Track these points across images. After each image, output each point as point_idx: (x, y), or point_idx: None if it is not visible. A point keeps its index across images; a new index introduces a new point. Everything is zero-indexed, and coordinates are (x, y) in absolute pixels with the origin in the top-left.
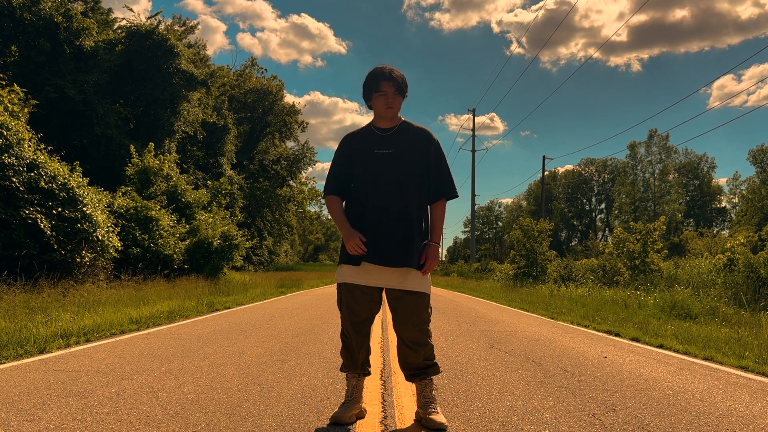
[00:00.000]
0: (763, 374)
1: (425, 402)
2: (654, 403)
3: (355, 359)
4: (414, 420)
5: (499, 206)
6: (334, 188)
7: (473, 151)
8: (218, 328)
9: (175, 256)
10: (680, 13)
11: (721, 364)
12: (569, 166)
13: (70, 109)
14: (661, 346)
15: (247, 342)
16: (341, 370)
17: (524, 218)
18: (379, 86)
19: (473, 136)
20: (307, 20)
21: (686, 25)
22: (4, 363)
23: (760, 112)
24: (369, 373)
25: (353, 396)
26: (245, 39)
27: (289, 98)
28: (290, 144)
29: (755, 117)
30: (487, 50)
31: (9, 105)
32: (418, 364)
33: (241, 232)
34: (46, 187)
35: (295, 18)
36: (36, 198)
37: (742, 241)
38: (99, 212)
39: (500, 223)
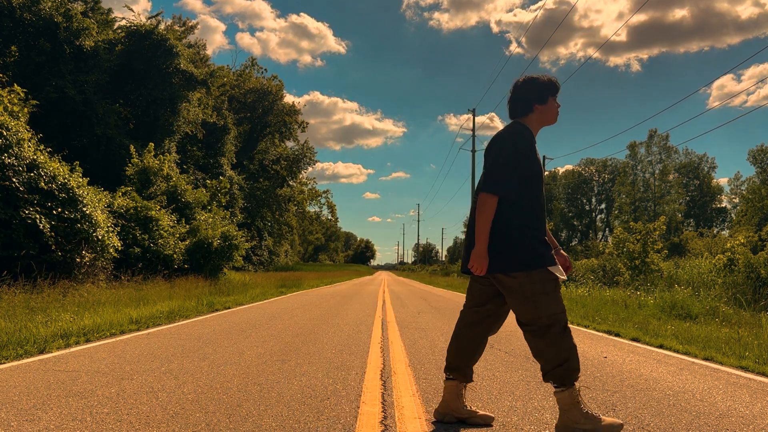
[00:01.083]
0: (763, 374)
1: (464, 401)
2: (654, 403)
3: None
4: (435, 420)
5: None
6: (513, 192)
7: (473, 151)
8: (218, 328)
9: (175, 256)
10: (680, 13)
11: (721, 364)
12: (569, 166)
13: (70, 109)
14: (661, 346)
15: (247, 342)
16: (567, 384)
17: None
18: (557, 93)
19: (473, 136)
20: (306, 20)
21: (686, 25)
22: (4, 363)
23: (760, 112)
24: None
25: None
26: (244, 39)
27: (288, 98)
28: (290, 144)
29: (755, 117)
30: (487, 50)
31: (9, 105)
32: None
33: (241, 232)
34: (45, 187)
35: (294, 18)
36: (36, 198)
37: (742, 241)
38: (99, 212)
39: None
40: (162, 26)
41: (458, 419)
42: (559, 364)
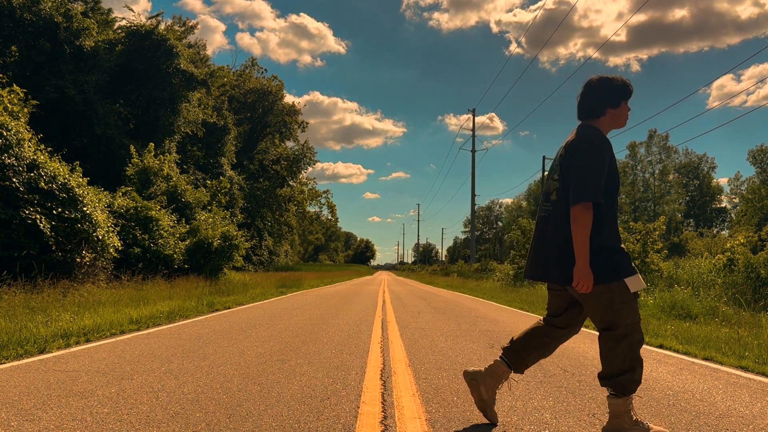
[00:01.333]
0: (763, 374)
1: (497, 389)
2: (654, 403)
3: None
4: (463, 376)
5: (499, 206)
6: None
7: (473, 151)
8: (218, 328)
9: (175, 256)
10: (679, 13)
11: (721, 364)
12: None
13: (70, 109)
14: (661, 346)
15: (247, 342)
16: (626, 394)
17: (524, 218)
18: (630, 97)
19: (473, 136)
20: (306, 20)
21: (685, 25)
22: (4, 363)
23: (760, 112)
24: None
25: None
26: (244, 39)
27: (288, 98)
28: (290, 144)
29: (755, 117)
30: (486, 50)
31: (9, 105)
32: None
33: (241, 232)
34: (45, 187)
35: (294, 18)
36: (36, 198)
37: (742, 241)
38: (99, 212)
39: (500, 223)
40: (162, 26)
41: (478, 395)
42: (623, 373)
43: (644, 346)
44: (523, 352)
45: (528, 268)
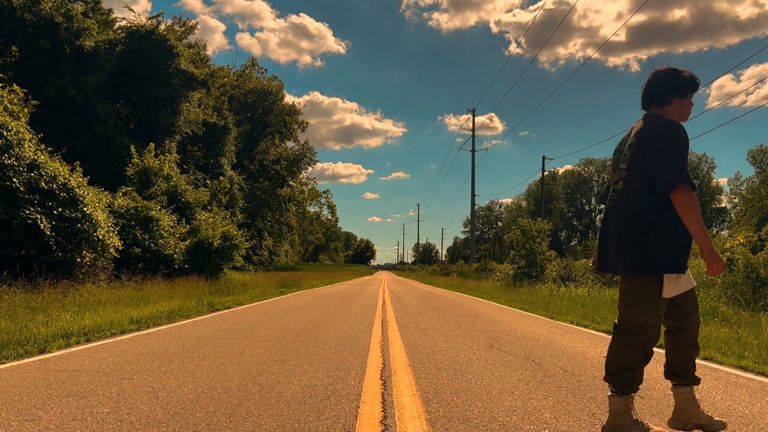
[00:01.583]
0: (763, 374)
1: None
2: (654, 403)
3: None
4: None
5: (499, 206)
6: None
7: (473, 151)
8: (218, 328)
9: (175, 256)
10: (679, 13)
11: (721, 364)
12: (569, 166)
13: (70, 109)
14: (660, 346)
15: (248, 342)
16: (626, 392)
17: (523, 218)
18: (695, 91)
19: (473, 136)
20: (306, 20)
21: (685, 25)
22: (5, 363)
23: (759, 112)
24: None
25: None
26: (244, 39)
27: (288, 98)
28: (290, 144)
29: (755, 117)
30: (486, 50)
31: (9, 105)
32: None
33: (241, 232)
34: (46, 187)
35: (294, 18)
36: (36, 198)
37: (741, 241)
38: (99, 212)
39: (500, 223)
40: (162, 26)
41: (697, 426)
42: (623, 371)
43: None
44: (679, 364)
45: (597, 261)
